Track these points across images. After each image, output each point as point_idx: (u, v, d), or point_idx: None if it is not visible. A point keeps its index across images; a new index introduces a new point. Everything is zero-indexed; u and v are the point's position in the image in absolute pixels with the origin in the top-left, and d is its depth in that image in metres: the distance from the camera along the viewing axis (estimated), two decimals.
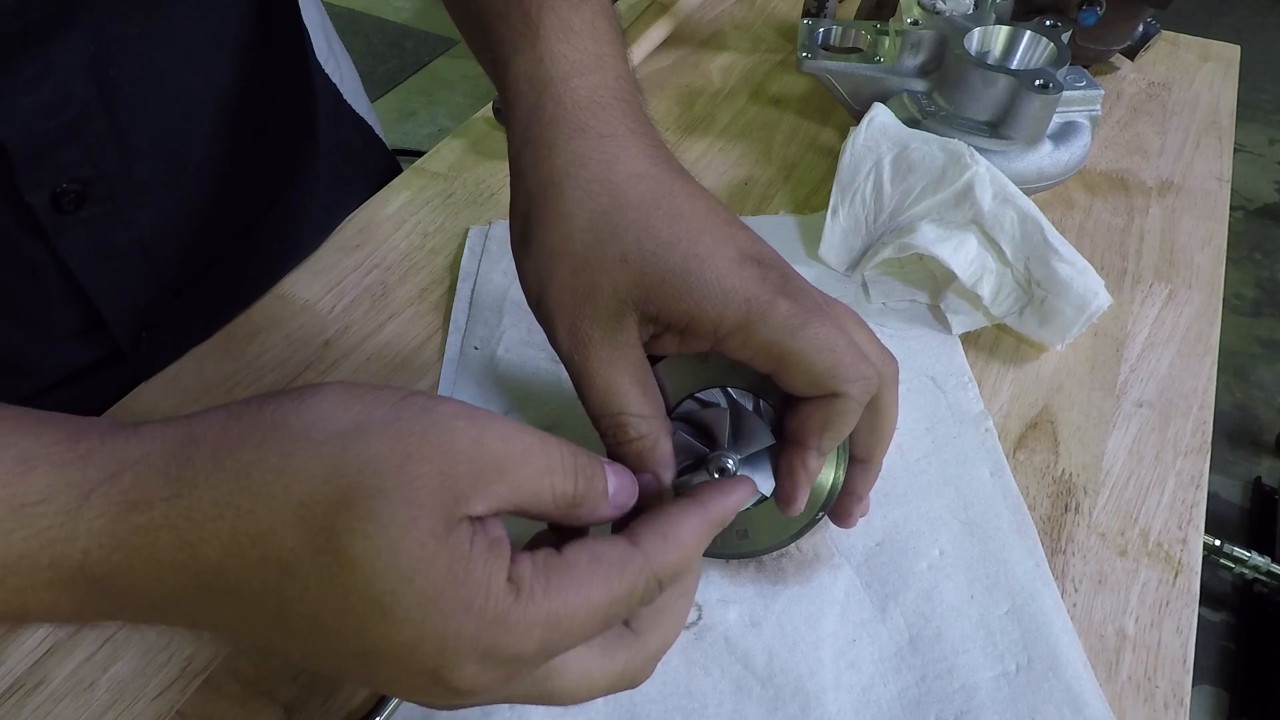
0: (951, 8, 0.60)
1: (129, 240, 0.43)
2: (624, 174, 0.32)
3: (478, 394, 0.47)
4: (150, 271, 0.45)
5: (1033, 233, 0.51)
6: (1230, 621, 1.33)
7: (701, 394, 0.34)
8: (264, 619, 0.23)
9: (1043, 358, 0.51)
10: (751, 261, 0.31)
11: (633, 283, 0.30)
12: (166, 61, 0.41)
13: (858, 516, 0.36)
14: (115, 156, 0.40)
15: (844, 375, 0.30)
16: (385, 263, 0.56)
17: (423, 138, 2.27)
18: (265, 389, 0.48)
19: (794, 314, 0.30)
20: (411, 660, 0.23)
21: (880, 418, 0.34)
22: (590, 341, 0.31)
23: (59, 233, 0.40)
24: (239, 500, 0.23)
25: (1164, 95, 0.74)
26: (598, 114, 0.33)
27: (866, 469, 0.36)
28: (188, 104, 0.44)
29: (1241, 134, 2.21)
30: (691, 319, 0.30)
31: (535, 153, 0.33)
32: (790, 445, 0.32)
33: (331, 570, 0.22)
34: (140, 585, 0.23)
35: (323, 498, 0.22)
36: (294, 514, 0.22)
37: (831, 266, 0.55)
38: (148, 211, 0.43)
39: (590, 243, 0.31)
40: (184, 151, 0.44)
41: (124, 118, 0.40)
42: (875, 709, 0.36)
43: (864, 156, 0.56)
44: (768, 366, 0.31)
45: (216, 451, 0.23)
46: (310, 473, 0.23)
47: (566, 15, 0.35)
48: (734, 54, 0.77)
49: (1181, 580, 0.41)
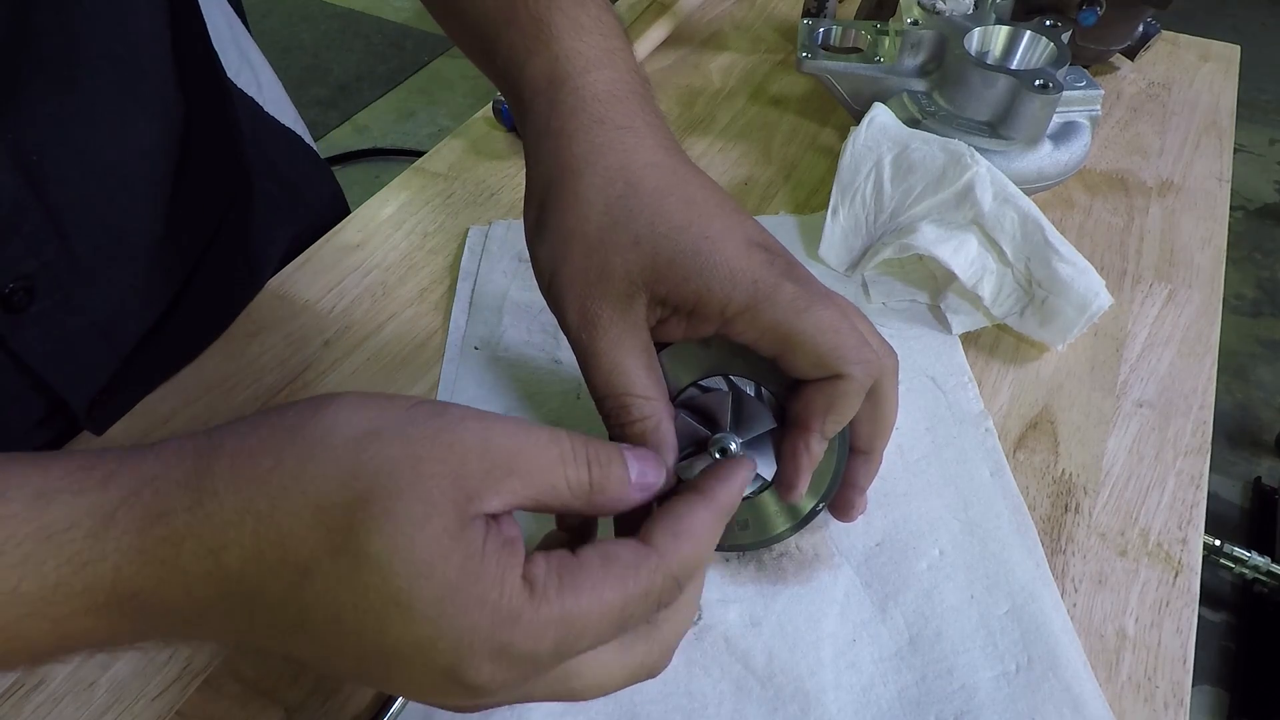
0: (951, 8, 0.60)
1: (84, 325, 0.42)
2: (640, 163, 0.33)
3: (478, 394, 0.47)
4: (108, 348, 0.45)
5: (1033, 233, 0.51)
6: (1230, 621, 1.32)
7: (704, 381, 0.35)
8: (286, 624, 0.23)
9: (1043, 358, 0.51)
10: (759, 248, 0.32)
11: (644, 264, 0.31)
12: (91, 137, 0.40)
13: (859, 510, 0.37)
14: (56, 245, 0.39)
15: (847, 356, 0.31)
16: (385, 263, 0.56)
17: (423, 138, 2.27)
18: (265, 389, 0.48)
19: (799, 296, 0.31)
20: (429, 658, 0.23)
21: (881, 408, 0.34)
22: (599, 321, 0.32)
23: (13, 332, 0.39)
24: (259, 505, 0.23)
25: (1164, 95, 0.74)
26: (615, 106, 0.34)
27: (868, 460, 0.36)
28: (118, 177, 0.42)
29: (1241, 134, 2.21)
30: (700, 299, 0.31)
31: (555, 142, 0.34)
32: (793, 429, 0.33)
33: (350, 569, 0.22)
34: (169, 599, 0.23)
35: (340, 500, 0.23)
36: (312, 517, 0.23)
37: (832, 267, 0.55)
38: (97, 292, 0.42)
39: (605, 225, 0.32)
40: (122, 224, 0.43)
41: (57, 203, 0.38)
42: (875, 709, 0.36)
43: (864, 156, 0.56)
44: (773, 348, 0.31)
45: (235, 460, 0.24)
46: (327, 476, 0.23)
47: (574, 14, 0.36)
48: (734, 54, 0.77)
49: (1181, 580, 0.41)
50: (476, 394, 0.47)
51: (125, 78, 0.41)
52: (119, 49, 0.40)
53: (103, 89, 0.40)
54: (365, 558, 0.22)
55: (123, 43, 0.41)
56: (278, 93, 0.60)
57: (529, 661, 0.24)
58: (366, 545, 0.22)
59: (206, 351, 0.50)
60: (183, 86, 0.46)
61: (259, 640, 0.24)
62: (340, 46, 2.59)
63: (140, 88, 0.43)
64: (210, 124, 0.49)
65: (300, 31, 2.65)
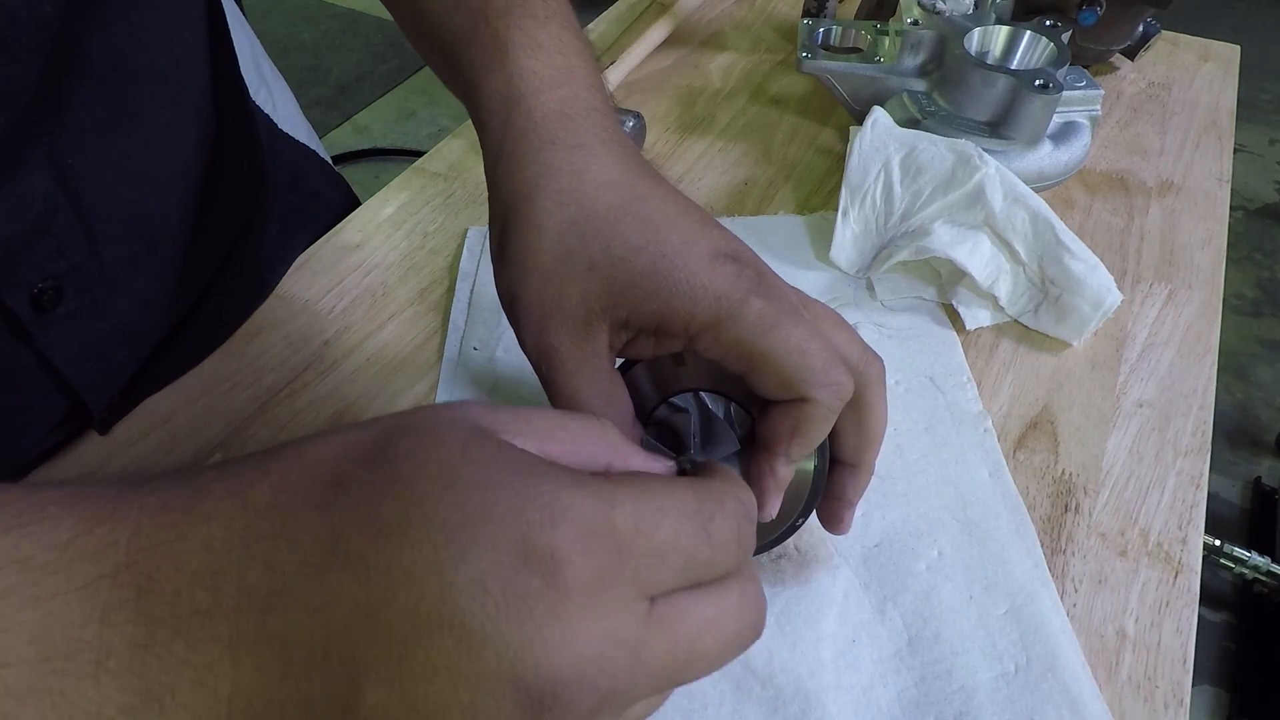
0: (951, 8, 0.60)
1: (109, 328, 0.42)
2: (593, 183, 0.32)
3: (477, 394, 0.47)
4: (130, 353, 0.45)
5: (1044, 231, 0.51)
6: (1230, 621, 1.32)
7: (676, 399, 0.34)
8: (316, 553, 0.21)
9: (1042, 358, 0.51)
10: (726, 259, 0.31)
11: (601, 289, 0.31)
12: (129, 145, 0.40)
13: (848, 524, 0.36)
14: (85, 247, 0.39)
15: (813, 380, 0.30)
16: (385, 263, 0.56)
17: (423, 138, 2.27)
18: (265, 389, 0.48)
19: (766, 313, 0.30)
20: (492, 532, 0.20)
21: (867, 419, 0.33)
22: (556, 353, 0.31)
23: (42, 332, 0.39)
24: (287, 450, 0.23)
25: (1164, 95, 0.74)
26: (567, 125, 0.34)
27: (855, 473, 0.35)
28: (151, 183, 0.43)
29: (1241, 134, 2.21)
30: (662, 319, 0.30)
31: (508, 166, 0.33)
32: (760, 451, 0.32)
33: (384, 472, 0.22)
34: (185, 557, 0.21)
35: (365, 437, 0.23)
36: (341, 447, 0.23)
37: (843, 269, 0.55)
38: (123, 296, 0.42)
39: (559, 254, 0.31)
40: (151, 230, 0.44)
41: (90, 206, 0.39)
42: (875, 710, 0.36)
43: (872, 158, 0.56)
44: (738, 366, 0.30)
45: (263, 449, 0.24)
46: (351, 428, 0.23)
47: (533, 32, 0.36)
48: (734, 54, 0.77)
49: (1181, 580, 0.41)
50: (475, 394, 0.47)
51: (167, 90, 0.42)
52: (163, 62, 0.41)
53: (145, 100, 0.40)
54: (395, 459, 0.22)
55: (167, 55, 0.41)
56: (292, 110, 0.61)
57: (608, 534, 0.21)
58: (395, 450, 0.22)
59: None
60: (215, 99, 0.47)
61: (279, 614, 0.20)
62: (340, 46, 2.59)
63: (180, 99, 0.43)
64: (236, 137, 0.50)
65: (300, 31, 2.65)
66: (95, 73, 0.37)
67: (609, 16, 0.81)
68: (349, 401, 0.47)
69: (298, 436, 0.24)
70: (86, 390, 0.43)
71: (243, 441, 0.45)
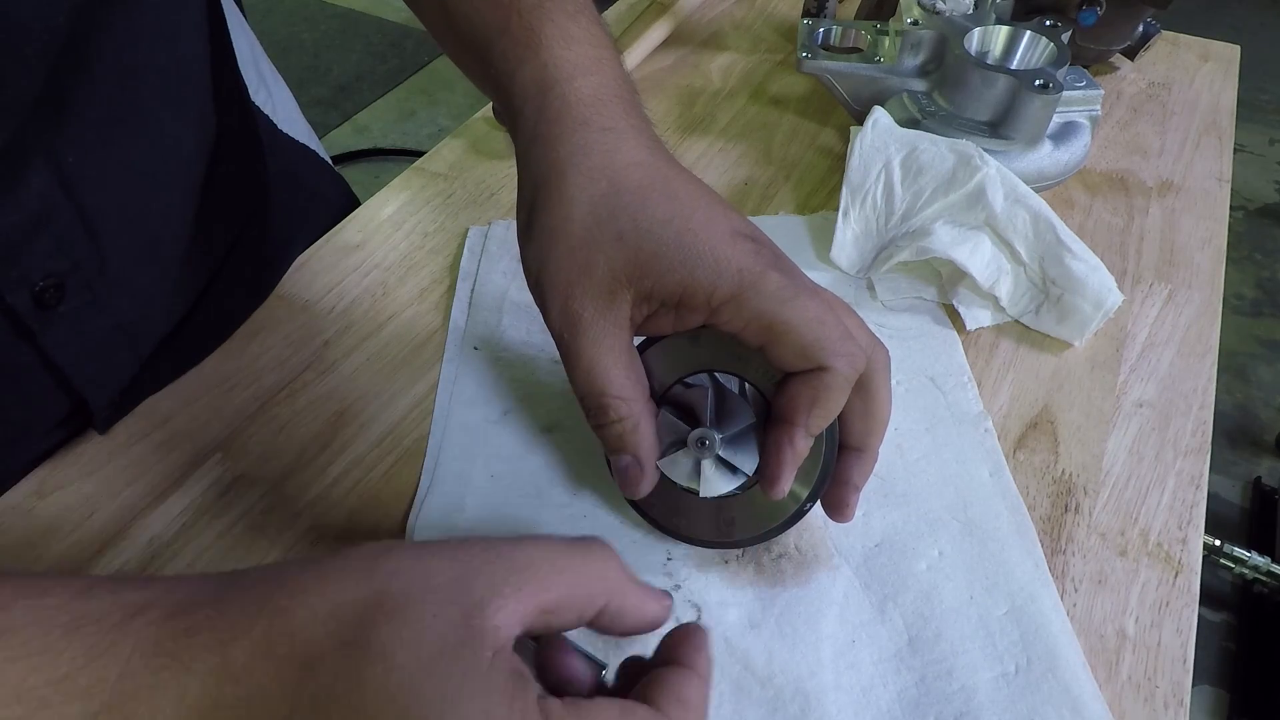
0: (951, 8, 0.60)
1: (110, 326, 0.43)
2: (623, 162, 0.33)
3: (477, 394, 0.47)
4: (130, 351, 0.45)
5: (1045, 232, 0.51)
6: (1230, 621, 1.32)
7: (690, 379, 0.35)
8: None
9: (1042, 358, 0.51)
10: (744, 238, 0.32)
11: (628, 259, 0.32)
12: (130, 145, 0.40)
13: (853, 509, 0.37)
14: (87, 245, 0.39)
15: (831, 349, 0.31)
16: (385, 263, 0.56)
17: (423, 138, 2.27)
18: (265, 389, 0.48)
19: (785, 285, 0.31)
20: None
21: (872, 402, 0.35)
22: (581, 320, 0.32)
23: (44, 330, 0.39)
24: (278, 600, 0.24)
25: (1164, 95, 0.74)
26: (600, 110, 0.35)
27: (862, 457, 0.36)
28: (153, 183, 0.43)
29: (1241, 134, 2.21)
30: (686, 290, 0.31)
31: (542, 146, 0.34)
32: (778, 424, 0.33)
33: (355, 663, 0.22)
34: (159, 704, 0.23)
35: (355, 597, 0.23)
36: (328, 612, 0.23)
37: (844, 269, 0.55)
38: (125, 295, 0.43)
39: (589, 224, 0.32)
40: (153, 229, 0.44)
41: (91, 205, 0.39)
42: (875, 710, 0.36)
43: (873, 158, 0.56)
44: (758, 338, 0.32)
45: (262, 569, 0.25)
46: (346, 578, 0.24)
47: (565, 25, 0.37)
48: (734, 54, 0.77)
49: (1181, 580, 0.41)
50: (476, 394, 0.47)
51: (168, 90, 0.42)
52: (164, 62, 0.41)
53: (146, 100, 0.41)
54: (369, 650, 0.22)
55: (168, 56, 0.42)
56: (292, 110, 0.62)
57: None
58: (373, 638, 0.23)
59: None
60: (215, 99, 0.47)
61: None
62: (340, 46, 2.59)
63: (181, 99, 0.44)
64: (236, 137, 0.50)
65: (300, 31, 2.65)
66: (96, 73, 0.37)
67: (609, 16, 0.81)
68: (349, 401, 0.47)
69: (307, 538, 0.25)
70: (87, 388, 0.43)
71: (243, 441, 0.45)
